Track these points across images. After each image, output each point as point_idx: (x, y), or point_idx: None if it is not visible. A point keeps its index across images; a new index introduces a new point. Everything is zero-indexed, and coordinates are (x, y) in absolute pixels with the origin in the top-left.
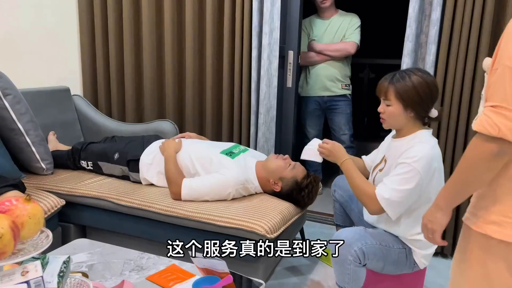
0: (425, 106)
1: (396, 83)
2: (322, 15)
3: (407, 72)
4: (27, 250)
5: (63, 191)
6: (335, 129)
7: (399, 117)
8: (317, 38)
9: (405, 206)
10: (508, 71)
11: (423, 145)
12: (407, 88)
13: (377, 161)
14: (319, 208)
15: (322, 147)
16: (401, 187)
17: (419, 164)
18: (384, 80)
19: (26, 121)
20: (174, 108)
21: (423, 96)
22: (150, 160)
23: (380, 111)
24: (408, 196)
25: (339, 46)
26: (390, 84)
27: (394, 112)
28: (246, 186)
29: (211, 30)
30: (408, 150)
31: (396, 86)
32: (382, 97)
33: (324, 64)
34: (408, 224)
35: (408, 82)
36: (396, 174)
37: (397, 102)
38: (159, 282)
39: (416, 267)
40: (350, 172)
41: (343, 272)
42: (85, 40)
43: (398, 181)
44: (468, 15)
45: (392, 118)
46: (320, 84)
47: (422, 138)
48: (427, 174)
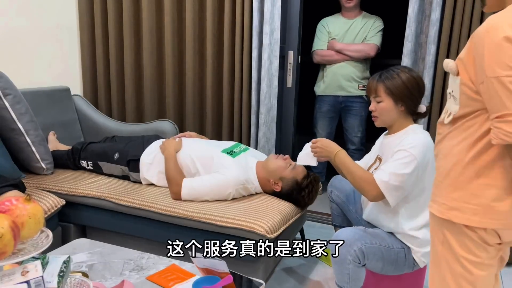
0: (414, 99)
1: (385, 80)
2: (345, 15)
3: (394, 70)
4: (27, 250)
5: (63, 191)
6: (348, 130)
7: (391, 112)
8: (338, 37)
9: (403, 191)
10: (495, 81)
11: (417, 135)
12: (396, 83)
13: (370, 162)
14: (319, 208)
15: (313, 147)
16: (400, 171)
17: (415, 150)
18: (373, 79)
19: (26, 121)
20: (174, 108)
21: (412, 90)
22: (150, 160)
23: (371, 109)
24: (406, 181)
25: (360, 47)
26: (379, 82)
27: (386, 107)
28: (246, 186)
29: (212, 30)
30: (403, 140)
31: (385, 83)
32: (373, 95)
33: (342, 63)
34: (405, 217)
35: (397, 78)
36: (393, 160)
37: (387, 97)
38: (159, 282)
39: (416, 266)
40: (345, 162)
41: (342, 272)
42: (85, 39)
43: (396, 166)
44: (467, 15)
45: (384, 114)
46: (336, 83)
47: (415, 131)
48: (423, 160)
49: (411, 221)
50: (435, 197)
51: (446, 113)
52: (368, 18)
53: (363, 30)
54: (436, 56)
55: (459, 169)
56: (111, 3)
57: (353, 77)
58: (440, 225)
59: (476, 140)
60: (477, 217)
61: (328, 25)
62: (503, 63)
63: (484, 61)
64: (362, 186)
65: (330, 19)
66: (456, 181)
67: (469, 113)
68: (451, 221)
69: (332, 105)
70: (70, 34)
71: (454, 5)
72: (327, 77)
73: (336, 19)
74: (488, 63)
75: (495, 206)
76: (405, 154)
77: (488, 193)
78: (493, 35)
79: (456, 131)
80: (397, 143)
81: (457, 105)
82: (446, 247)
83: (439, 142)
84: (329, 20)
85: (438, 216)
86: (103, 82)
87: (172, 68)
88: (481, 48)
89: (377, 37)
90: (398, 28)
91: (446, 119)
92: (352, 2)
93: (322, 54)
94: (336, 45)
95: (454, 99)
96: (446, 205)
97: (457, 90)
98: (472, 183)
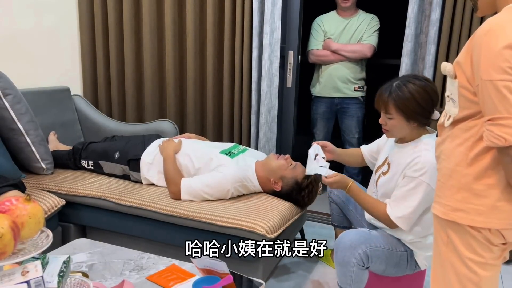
0: (426, 113)
1: (395, 96)
2: (341, 13)
3: (403, 81)
4: (27, 250)
5: (63, 191)
6: (345, 131)
7: (403, 129)
8: (334, 37)
9: (417, 215)
10: (489, 85)
11: (428, 153)
12: (407, 100)
13: (379, 161)
14: (319, 208)
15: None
16: (412, 203)
17: (426, 177)
18: (383, 93)
19: (26, 121)
20: (175, 108)
21: (423, 105)
22: (150, 160)
23: (381, 123)
24: (419, 207)
25: (356, 47)
26: (389, 98)
27: (397, 125)
28: (245, 184)
29: (212, 30)
30: (414, 160)
31: (395, 100)
32: (383, 111)
33: (337, 64)
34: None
35: (407, 93)
36: (404, 190)
37: (398, 115)
38: (159, 282)
39: (418, 268)
40: (358, 195)
41: (346, 274)
42: (85, 40)
43: (407, 198)
44: (467, 15)
45: (396, 131)
46: (332, 85)
47: (426, 145)
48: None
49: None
50: (438, 199)
51: (446, 116)
52: (364, 17)
53: (359, 29)
54: (436, 56)
55: (462, 170)
56: (111, 3)
57: (348, 78)
58: (444, 226)
59: (478, 141)
60: (482, 217)
61: (323, 23)
62: (498, 67)
63: (480, 63)
64: (379, 219)
65: (326, 17)
66: (459, 182)
67: (469, 115)
68: (456, 222)
69: (328, 107)
70: (70, 34)
71: (454, 5)
72: (323, 78)
73: (331, 17)
74: (484, 66)
75: (499, 206)
76: (415, 182)
77: (491, 193)
78: (491, 38)
79: (457, 133)
80: (409, 159)
81: (456, 107)
82: (451, 248)
83: (440, 143)
84: (324, 18)
85: (441, 218)
86: (103, 82)
87: (172, 68)
88: (478, 50)
89: (373, 37)
90: (398, 28)
91: (446, 122)
92: (348, 2)
93: (318, 54)
94: (332, 45)
95: (453, 102)
96: (450, 206)
97: (455, 93)
98: (475, 183)
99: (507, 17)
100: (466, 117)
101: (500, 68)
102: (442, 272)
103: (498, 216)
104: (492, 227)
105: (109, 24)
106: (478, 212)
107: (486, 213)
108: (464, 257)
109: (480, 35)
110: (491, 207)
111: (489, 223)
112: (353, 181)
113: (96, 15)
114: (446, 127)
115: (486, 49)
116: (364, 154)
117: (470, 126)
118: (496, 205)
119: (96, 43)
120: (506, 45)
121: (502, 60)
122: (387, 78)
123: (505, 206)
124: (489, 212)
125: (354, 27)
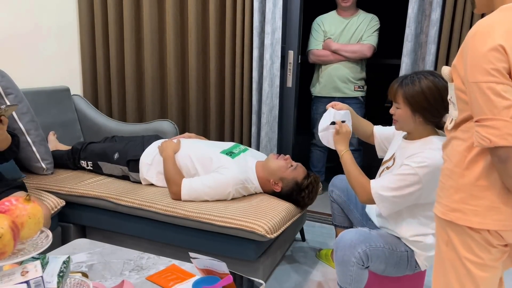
0: (434, 111)
1: (405, 86)
2: (341, 13)
3: (418, 75)
4: (27, 250)
5: (63, 191)
6: None
7: (408, 121)
8: (334, 37)
9: (397, 208)
10: (474, 87)
11: (433, 152)
12: (415, 92)
13: (387, 156)
14: (319, 208)
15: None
16: (399, 191)
17: (423, 170)
18: (395, 83)
19: (27, 121)
20: (177, 108)
21: (431, 102)
22: (150, 161)
23: (391, 112)
24: (402, 201)
25: (356, 47)
26: (399, 87)
27: (403, 115)
28: (246, 186)
29: (214, 30)
30: (417, 154)
31: (405, 90)
32: (393, 100)
33: (337, 64)
34: (411, 224)
35: (417, 86)
36: (397, 173)
37: (405, 106)
38: (159, 282)
39: (418, 268)
40: (349, 163)
41: (345, 274)
42: (85, 40)
43: (396, 182)
44: (468, 15)
45: (402, 121)
46: (332, 85)
47: (433, 145)
48: (429, 183)
49: (415, 230)
50: (439, 199)
51: (449, 119)
52: (364, 17)
53: (359, 29)
54: (436, 56)
55: (460, 171)
56: (111, 3)
57: (348, 78)
58: (444, 226)
59: None
60: (478, 218)
61: (323, 23)
62: (483, 69)
63: (467, 65)
64: (357, 189)
65: (326, 17)
66: (457, 183)
67: (467, 117)
68: (454, 222)
69: None
70: (70, 34)
71: (454, 5)
72: (323, 78)
73: (331, 17)
74: (470, 68)
75: (495, 207)
76: (411, 171)
77: (488, 195)
78: (477, 40)
79: (458, 135)
80: (413, 150)
81: (456, 110)
82: (450, 248)
83: (445, 146)
84: (324, 18)
85: (441, 217)
86: (103, 82)
87: (174, 68)
88: (466, 52)
89: (373, 37)
90: (398, 28)
91: (449, 125)
92: (348, 2)
93: (318, 54)
94: (332, 45)
95: (453, 105)
96: (448, 206)
97: (454, 96)
98: (472, 184)
99: (497, 19)
100: (465, 119)
101: (484, 70)
102: (442, 271)
103: (494, 218)
104: (488, 228)
105: (109, 23)
106: (474, 213)
107: (482, 214)
108: (462, 257)
109: (469, 37)
110: (487, 208)
111: (485, 224)
112: (348, 150)
113: (96, 15)
114: (449, 130)
115: (472, 51)
116: (376, 135)
117: (468, 128)
118: (492, 206)
119: (96, 43)
120: (491, 48)
121: (486, 62)
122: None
123: (501, 207)
124: (485, 213)
125: (354, 27)
